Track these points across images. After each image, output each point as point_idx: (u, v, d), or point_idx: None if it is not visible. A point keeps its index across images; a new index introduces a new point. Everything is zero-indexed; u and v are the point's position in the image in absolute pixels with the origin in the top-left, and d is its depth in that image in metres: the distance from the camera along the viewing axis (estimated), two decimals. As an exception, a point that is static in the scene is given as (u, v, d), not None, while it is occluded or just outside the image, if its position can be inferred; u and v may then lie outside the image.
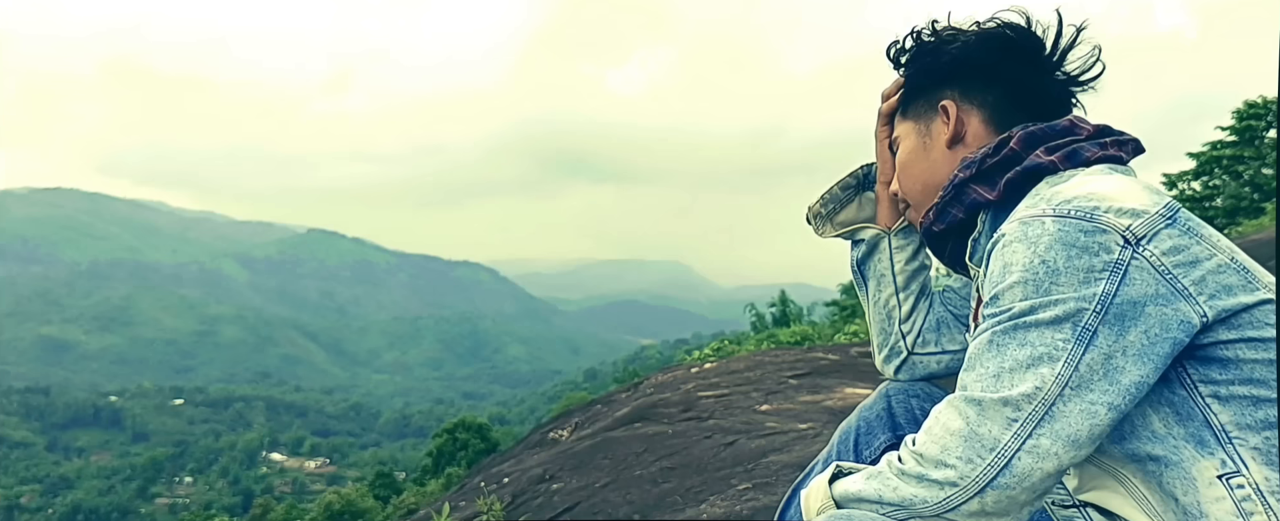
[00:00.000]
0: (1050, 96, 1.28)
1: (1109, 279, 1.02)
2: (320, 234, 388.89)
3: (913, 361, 1.49)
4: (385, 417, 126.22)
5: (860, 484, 1.12)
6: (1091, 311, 1.02)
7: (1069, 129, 1.22)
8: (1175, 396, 1.07)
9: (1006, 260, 1.07)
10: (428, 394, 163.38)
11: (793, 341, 22.49)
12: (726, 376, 7.43)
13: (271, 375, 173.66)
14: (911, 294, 1.49)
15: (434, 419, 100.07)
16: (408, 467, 57.17)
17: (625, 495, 3.96)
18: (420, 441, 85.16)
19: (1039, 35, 1.27)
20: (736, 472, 3.86)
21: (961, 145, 1.29)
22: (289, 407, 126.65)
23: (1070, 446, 1.02)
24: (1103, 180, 1.11)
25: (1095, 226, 1.04)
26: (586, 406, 8.75)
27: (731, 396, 6.46)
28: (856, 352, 8.62)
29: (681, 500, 3.61)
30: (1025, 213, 1.10)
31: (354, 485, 43.93)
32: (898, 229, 1.49)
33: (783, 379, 6.98)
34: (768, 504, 3.15)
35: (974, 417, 1.04)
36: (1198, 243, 1.06)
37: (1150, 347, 1.02)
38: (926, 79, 1.33)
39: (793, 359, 8.03)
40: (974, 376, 1.07)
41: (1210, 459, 1.05)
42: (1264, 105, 21.34)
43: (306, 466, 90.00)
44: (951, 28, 1.31)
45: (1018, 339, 1.04)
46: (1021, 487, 1.02)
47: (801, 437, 4.56)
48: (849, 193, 1.52)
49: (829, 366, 7.39)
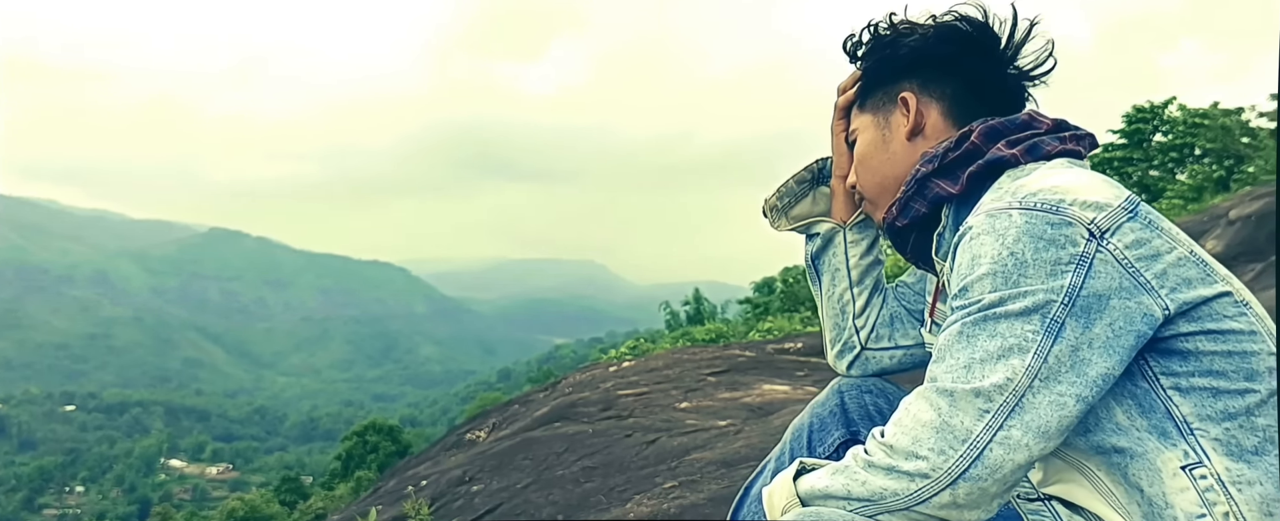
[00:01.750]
0: (1006, 90, 1.29)
1: (1075, 271, 1.03)
2: (223, 233, 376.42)
3: (866, 357, 1.48)
4: (292, 421, 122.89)
5: (826, 479, 1.10)
6: (1059, 303, 1.03)
7: (1028, 123, 1.22)
8: (1137, 389, 1.08)
9: (975, 252, 1.08)
10: (336, 396, 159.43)
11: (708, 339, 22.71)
12: (645, 374, 7.42)
13: (171, 379, 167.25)
14: (865, 288, 1.47)
15: (343, 421, 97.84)
16: (315, 472, 55.81)
17: (548, 495, 3.91)
18: (328, 445, 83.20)
19: (995, 30, 1.28)
20: (660, 471, 3.85)
21: (921, 137, 1.29)
22: (189, 412, 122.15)
23: (1040, 437, 1.02)
24: (1065, 174, 1.12)
25: (1061, 219, 1.05)
26: (503, 407, 8.64)
27: (651, 394, 6.45)
28: (773, 350, 8.71)
29: (606, 500, 3.57)
30: (991, 205, 1.10)
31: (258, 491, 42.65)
32: (853, 223, 1.47)
33: (701, 376, 7.00)
34: (695, 501, 3.14)
35: (946, 409, 1.03)
36: (1158, 236, 1.07)
37: (1115, 340, 1.03)
38: (885, 71, 1.32)
39: (710, 356, 8.07)
40: (944, 368, 1.06)
41: (1173, 450, 1.06)
42: (1151, 110, 22.42)
43: (208, 472, 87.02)
44: (908, 22, 1.31)
45: (988, 330, 1.04)
46: (993, 479, 1.02)
47: (723, 435, 4.57)
48: (804, 186, 1.50)
49: (747, 363, 7.45)
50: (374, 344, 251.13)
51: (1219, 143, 19.85)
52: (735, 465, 3.61)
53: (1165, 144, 21.90)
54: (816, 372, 6.90)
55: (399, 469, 7.93)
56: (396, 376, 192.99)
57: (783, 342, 9.25)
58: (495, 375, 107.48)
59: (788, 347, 8.61)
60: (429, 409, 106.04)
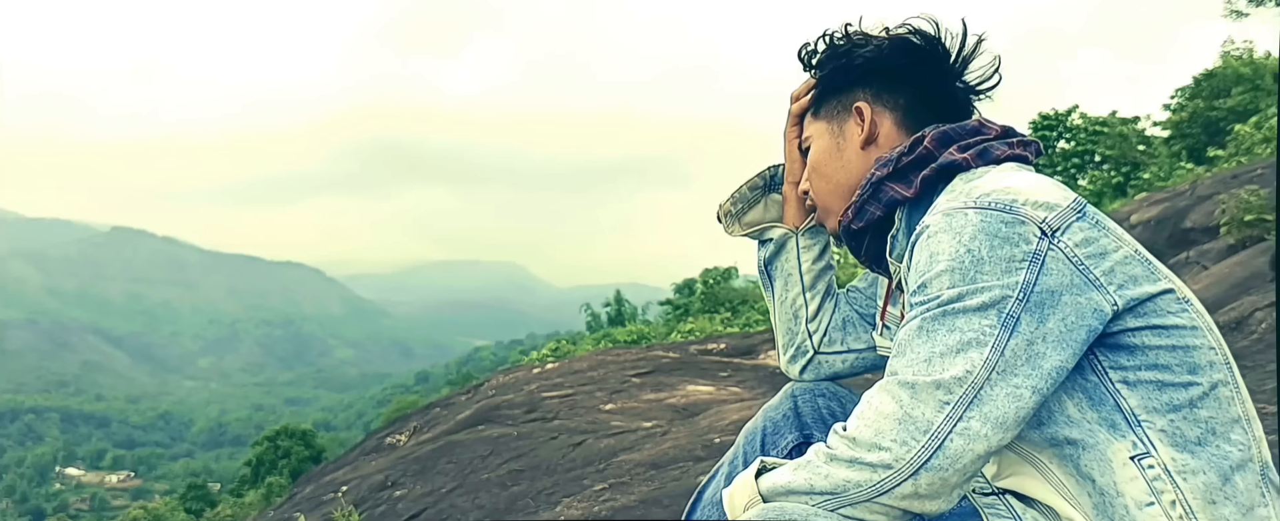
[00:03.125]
0: (955, 101, 1.33)
1: (1029, 268, 1.06)
2: (126, 232, 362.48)
3: (819, 361, 1.50)
4: (198, 426, 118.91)
5: (789, 475, 1.11)
6: (1014, 299, 1.06)
7: (978, 129, 1.26)
8: (1087, 382, 1.11)
9: (933, 250, 1.10)
10: (246, 400, 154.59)
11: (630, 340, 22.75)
12: (569, 376, 7.38)
13: (68, 384, 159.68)
14: (818, 293, 1.49)
15: (253, 426, 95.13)
16: (223, 479, 54.20)
17: (474, 499, 3.85)
18: (238, 451, 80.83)
19: (945, 43, 1.31)
20: (588, 473, 3.82)
21: (874, 146, 1.31)
22: (88, 418, 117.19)
23: (998, 428, 1.05)
24: (1015, 176, 1.16)
25: (1015, 218, 1.08)
26: (424, 410, 8.50)
27: (576, 396, 6.42)
28: (696, 350, 8.76)
29: (534, 503, 3.53)
30: (947, 205, 1.13)
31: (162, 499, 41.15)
32: (805, 228, 1.49)
33: (626, 378, 7.00)
34: (626, 504, 3.12)
35: (907, 400, 1.05)
36: (1105, 235, 1.11)
37: (1068, 334, 1.07)
38: (839, 80, 1.35)
39: (634, 358, 8.07)
40: (905, 362, 1.08)
41: (1122, 441, 1.10)
42: (1054, 117, 23.32)
43: (108, 481, 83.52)
44: (862, 32, 1.34)
45: (947, 325, 1.07)
46: (953, 469, 1.04)
47: (650, 436, 4.57)
48: (757, 193, 1.51)
49: (671, 365, 7.47)
50: (286, 347, 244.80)
51: (1117, 150, 20.76)
52: (664, 466, 3.61)
53: (1069, 150, 22.79)
54: (740, 374, 6.96)
55: (315, 474, 7.73)
56: (310, 380, 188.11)
57: (706, 344, 9.31)
58: (413, 378, 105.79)
59: (711, 349, 8.67)
60: (344, 413, 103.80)
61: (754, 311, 20.31)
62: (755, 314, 19.77)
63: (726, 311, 22.79)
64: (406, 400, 43.74)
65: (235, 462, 59.61)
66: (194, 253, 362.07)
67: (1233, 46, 20.31)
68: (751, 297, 23.30)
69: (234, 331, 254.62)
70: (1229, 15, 21.90)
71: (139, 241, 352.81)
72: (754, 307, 21.03)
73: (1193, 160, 16.96)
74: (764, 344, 8.44)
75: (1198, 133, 18.50)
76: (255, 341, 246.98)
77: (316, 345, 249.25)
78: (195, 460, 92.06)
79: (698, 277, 29.43)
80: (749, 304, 22.35)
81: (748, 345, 8.59)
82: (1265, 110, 15.52)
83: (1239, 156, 13.25)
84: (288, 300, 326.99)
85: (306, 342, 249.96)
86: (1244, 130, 14.15)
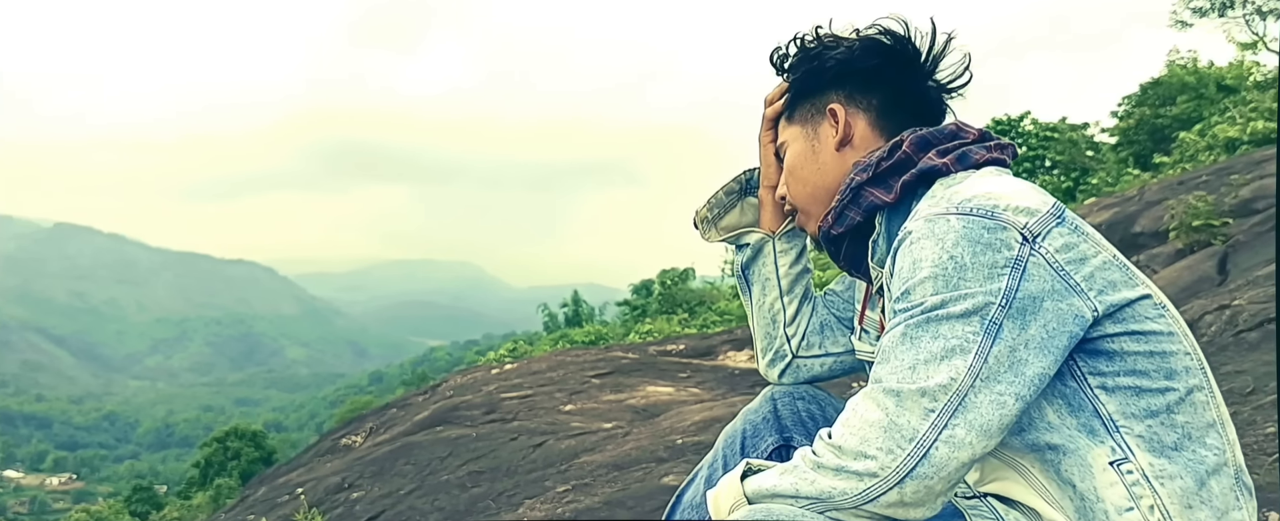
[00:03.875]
0: (928, 101, 1.32)
1: (1011, 274, 1.06)
2: (70, 229, 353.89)
3: (797, 365, 1.49)
4: (145, 427, 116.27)
5: (775, 479, 1.10)
6: (997, 305, 1.05)
7: (956, 133, 1.26)
8: (1067, 388, 1.11)
9: (916, 256, 1.10)
10: (195, 401, 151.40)
11: (587, 341, 22.68)
12: (528, 377, 7.34)
13: (8, 384, 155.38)
14: (795, 297, 1.49)
15: (201, 427, 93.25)
16: (170, 481, 53.10)
17: (433, 501, 3.80)
18: (185, 452, 79.26)
19: (916, 43, 1.31)
20: (549, 474, 3.79)
21: (850, 148, 1.31)
22: (28, 419, 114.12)
23: (983, 435, 1.04)
24: (995, 181, 1.16)
25: (997, 224, 1.08)
26: (380, 411, 8.39)
27: (535, 397, 6.38)
28: (655, 351, 8.76)
29: (495, 504, 3.49)
30: (929, 211, 1.12)
31: (106, 501, 40.13)
32: (782, 232, 1.48)
33: (585, 379, 6.97)
34: (589, 505, 3.09)
35: (893, 408, 1.05)
36: (1084, 240, 1.11)
37: (1050, 340, 1.06)
38: (812, 83, 1.34)
39: (593, 358, 8.05)
40: (889, 369, 1.08)
41: (1101, 446, 1.10)
42: (1008, 123, 23.70)
43: (49, 483, 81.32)
44: (833, 35, 1.33)
45: (931, 331, 1.06)
46: (939, 477, 1.04)
47: (611, 437, 4.55)
48: (733, 198, 1.51)
49: (630, 365, 7.46)
50: (236, 346, 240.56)
51: (1067, 155, 21.17)
52: (627, 467, 3.59)
53: (1021, 156, 23.19)
54: (700, 374, 6.97)
55: (268, 476, 7.60)
56: (261, 380, 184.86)
57: (665, 344, 9.32)
58: (367, 378, 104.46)
59: (670, 350, 8.68)
60: (295, 413, 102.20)
61: (711, 313, 20.33)
62: (712, 315, 19.79)
63: (684, 312, 22.81)
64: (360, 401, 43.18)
65: (182, 464, 58.45)
66: (142, 250, 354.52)
67: (1178, 56, 20.81)
68: (709, 299, 23.34)
69: (182, 330, 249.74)
70: (1174, 25, 22.48)
71: (83, 238, 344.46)
72: (711, 309, 21.06)
73: (1139, 166, 17.34)
74: (723, 344, 8.47)
75: (1144, 139, 18.92)
76: (204, 341, 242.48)
77: (268, 345, 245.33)
78: (140, 461, 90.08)
79: (655, 279, 29.45)
80: (706, 305, 22.38)
81: (706, 346, 8.61)
82: (1209, 118, 15.92)
83: (1183, 163, 13.58)
84: (239, 299, 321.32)
85: (257, 342, 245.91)
86: (1189, 138, 14.51)
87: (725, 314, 18.79)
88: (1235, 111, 14.88)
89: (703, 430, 4.07)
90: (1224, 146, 13.15)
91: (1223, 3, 22.21)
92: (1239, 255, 5.71)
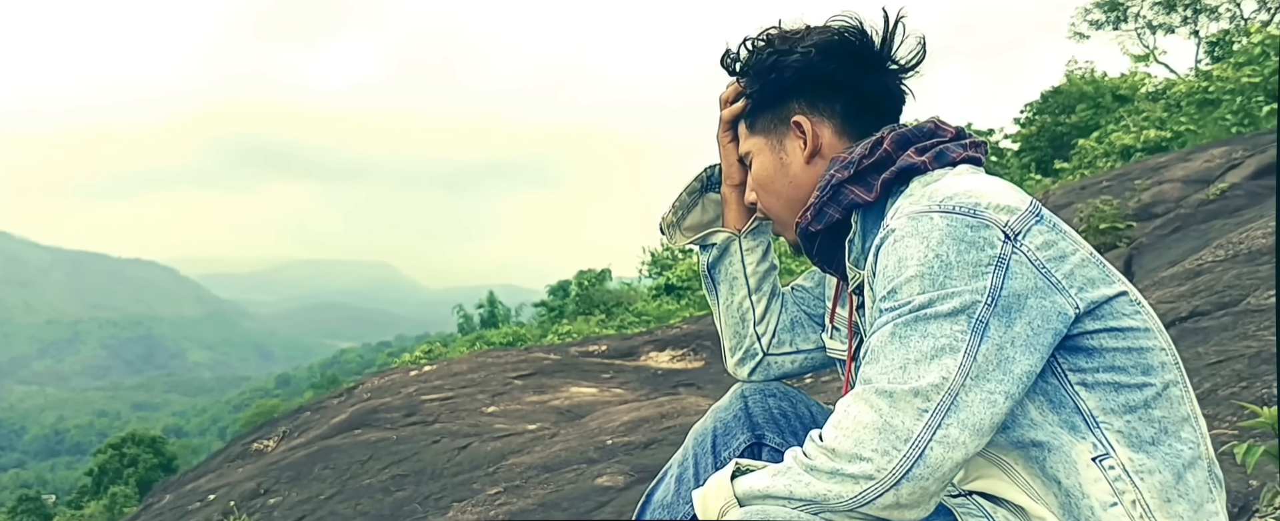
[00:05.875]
0: (889, 95, 1.31)
1: (995, 272, 1.06)
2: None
3: (768, 362, 1.48)
4: (32, 434, 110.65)
5: (767, 481, 1.09)
6: (983, 304, 1.05)
7: (933, 131, 1.26)
8: (1048, 385, 1.12)
9: (901, 255, 1.09)
10: (88, 406, 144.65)
11: (505, 342, 22.45)
12: (448, 378, 7.21)
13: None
14: (764, 295, 1.47)
15: (95, 434, 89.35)
16: (60, 490, 50.68)
17: (356, 506, 3.69)
18: (77, 460, 75.86)
19: (870, 36, 1.29)
20: (477, 476, 3.72)
21: (819, 158, 1.29)
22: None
23: (975, 434, 1.04)
24: (974, 179, 1.16)
25: (979, 222, 1.08)
26: (293, 414, 8.13)
27: (456, 399, 6.27)
28: (577, 352, 8.70)
29: (422, 508, 3.40)
30: (910, 209, 1.12)
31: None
32: (747, 230, 1.46)
33: (507, 380, 6.88)
34: (523, 507, 3.04)
35: (886, 410, 1.04)
36: (1063, 238, 1.11)
37: (1035, 338, 1.07)
38: (771, 93, 1.31)
39: (515, 359, 7.96)
40: (879, 369, 1.07)
41: (1083, 442, 1.11)
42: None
43: (-73, 495, 76.71)
44: (785, 35, 1.30)
45: (920, 330, 1.06)
46: (933, 478, 1.03)
47: (537, 439, 4.49)
48: (694, 196, 1.49)
49: (552, 366, 7.39)
50: (134, 349, 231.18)
51: (973, 161, 21.86)
52: (557, 469, 3.54)
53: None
54: (623, 375, 6.95)
55: (173, 483, 7.29)
56: (160, 384, 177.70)
57: (586, 345, 9.27)
58: (273, 381, 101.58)
59: (592, 350, 8.63)
60: (197, 418, 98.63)
61: (629, 314, 20.34)
62: (630, 316, 19.80)
63: (602, 313, 22.79)
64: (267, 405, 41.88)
65: (74, 472, 55.95)
66: (30, 248, 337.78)
67: (1076, 66, 21.70)
68: (626, 299, 23.36)
69: (75, 333, 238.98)
70: (1073, 36, 23.43)
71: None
72: (629, 310, 21.07)
73: (1041, 172, 18.00)
74: (645, 345, 8.46)
75: (1045, 146, 19.66)
76: (99, 343, 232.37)
77: (168, 347, 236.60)
78: (27, 470, 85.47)
79: (572, 279, 29.35)
80: (624, 306, 22.39)
81: (628, 347, 8.60)
82: (1105, 126, 16.65)
83: (1083, 169, 14.16)
84: (137, 300, 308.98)
85: (157, 345, 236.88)
86: (1087, 144, 15.16)
87: (643, 314, 18.82)
88: (1130, 120, 15.60)
89: (632, 430, 4.05)
90: (1120, 153, 13.77)
91: (1117, 17, 23.29)
92: (1143, 257, 5.96)
